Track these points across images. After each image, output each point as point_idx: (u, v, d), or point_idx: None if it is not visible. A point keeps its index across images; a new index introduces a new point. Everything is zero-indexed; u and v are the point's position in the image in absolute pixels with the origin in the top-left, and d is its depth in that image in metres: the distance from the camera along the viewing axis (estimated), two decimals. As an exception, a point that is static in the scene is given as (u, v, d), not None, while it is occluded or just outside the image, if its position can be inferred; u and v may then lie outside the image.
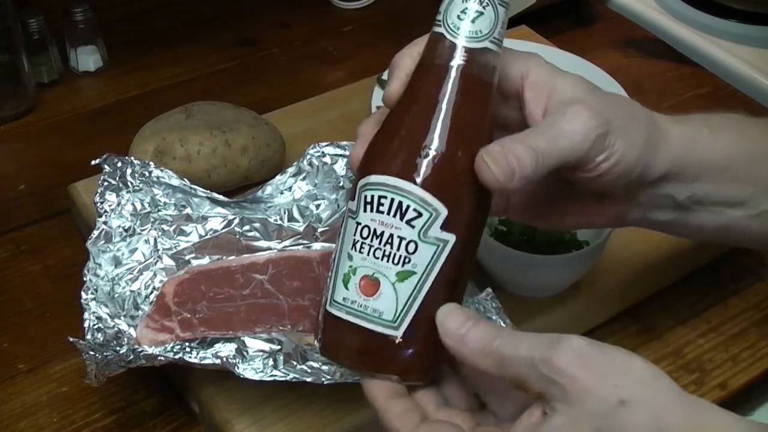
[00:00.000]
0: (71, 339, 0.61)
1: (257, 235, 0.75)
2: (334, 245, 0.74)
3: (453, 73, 0.47)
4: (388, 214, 0.46)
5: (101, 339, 0.64)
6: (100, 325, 0.65)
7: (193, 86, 1.01)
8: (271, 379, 0.60)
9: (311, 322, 0.69)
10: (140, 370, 0.62)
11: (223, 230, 0.74)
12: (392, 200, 0.46)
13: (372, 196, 0.46)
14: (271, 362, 0.60)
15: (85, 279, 0.67)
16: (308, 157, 0.76)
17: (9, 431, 0.68)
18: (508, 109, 0.52)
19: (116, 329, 0.66)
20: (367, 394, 0.48)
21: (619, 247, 0.74)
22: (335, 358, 0.49)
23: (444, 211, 0.46)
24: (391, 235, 0.46)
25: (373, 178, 0.47)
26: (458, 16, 0.47)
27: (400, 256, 0.46)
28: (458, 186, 0.47)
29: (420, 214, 0.46)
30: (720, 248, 0.81)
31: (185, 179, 0.74)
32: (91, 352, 0.60)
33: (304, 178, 0.76)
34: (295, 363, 0.60)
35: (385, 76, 0.94)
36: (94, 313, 0.65)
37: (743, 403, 0.75)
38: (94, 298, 0.66)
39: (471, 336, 0.46)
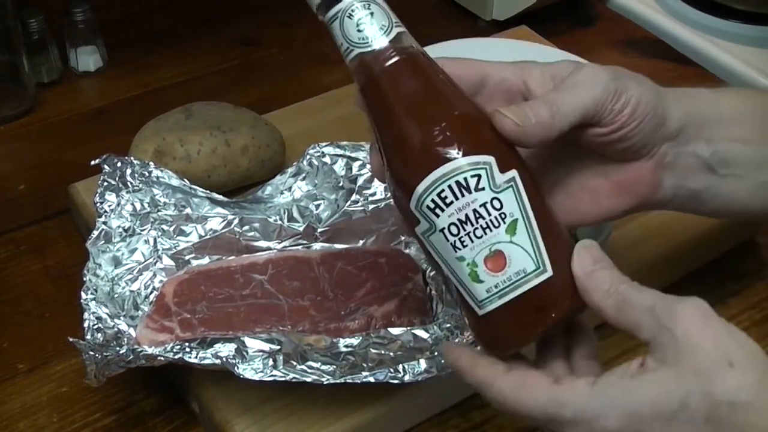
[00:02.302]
0: (71, 339, 0.61)
1: (257, 235, 0.75)
2: (334, 245, 0.76)
3: (398, 66, 0.49)
4: (457, 199, 0.47)
5: (101, 339, 0.64)
6: (100, 325, 0.65)
7: (193, 86, 1.01)
8: (271, 379, 0.60)
9: (311, 322, 0.69)
10: (140, 370, 0.62)
11: (223, 230, 0.74)
12: (450, 187, 0.47)
13: (433, 200, 0.47)
14: (270, 362, 0.60)
15: (84, 279, 0.67)
16: (308, 157, 0.76)
17: (8, 431, 0.68)
18: None
19: (116, 329, 0.66)
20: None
21: (620, 248, 0.74)
22: (520, 342, 0.49)
23: (491, 158, 0.47)
24: (475, 210, 0.47)
25: (421, 188, 0.47)
26: (358, 29, 0.49)
27: (496, 217, 0.47)
28: (483, 132, 0.49)
29: (479, 176, 0.47)
30: (721, 247, 0.81)
31: (185, 179, 0.74)
32: (91, 352, 0.60)
33: (303, 179, 0.76)
34: (294, 363, 0.60)
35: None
36: (93, 313, 0.65)
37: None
38: (93, 298, 0.66)
39: (600, 274, 0.47)
